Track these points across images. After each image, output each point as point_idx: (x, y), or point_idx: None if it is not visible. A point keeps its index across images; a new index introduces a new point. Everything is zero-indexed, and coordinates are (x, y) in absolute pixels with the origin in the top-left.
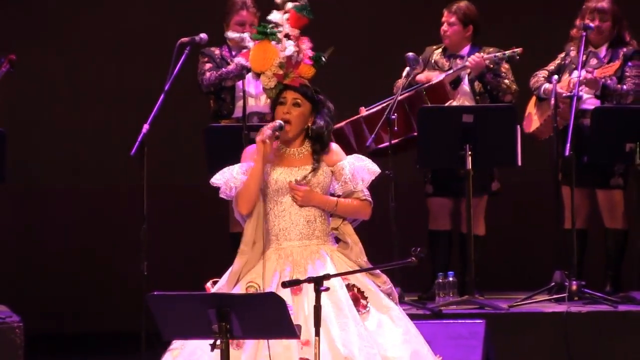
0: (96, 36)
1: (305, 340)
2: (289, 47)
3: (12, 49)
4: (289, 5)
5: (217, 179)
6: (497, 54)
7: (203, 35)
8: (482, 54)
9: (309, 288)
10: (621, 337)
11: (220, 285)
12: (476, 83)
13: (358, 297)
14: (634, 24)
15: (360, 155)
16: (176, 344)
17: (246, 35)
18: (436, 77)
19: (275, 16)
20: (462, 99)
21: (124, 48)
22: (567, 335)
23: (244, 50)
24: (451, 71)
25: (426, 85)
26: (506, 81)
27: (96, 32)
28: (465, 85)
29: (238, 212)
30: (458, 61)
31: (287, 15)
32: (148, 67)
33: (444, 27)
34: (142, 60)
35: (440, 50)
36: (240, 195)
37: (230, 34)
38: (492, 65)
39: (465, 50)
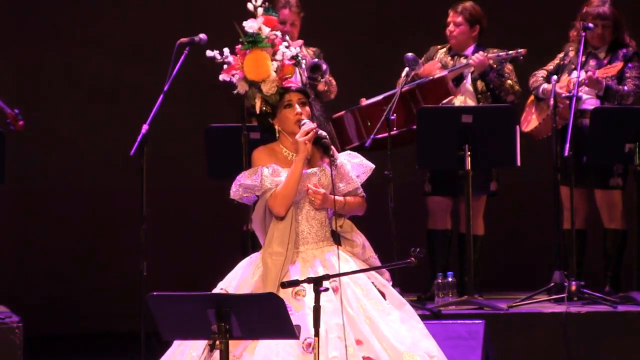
0: (96, 36)
1: (357, 339)
2: (292, 48)
3: (13, 48)
4: (260, 10)
5: (249, 180)
6: (500, 54)
7: (203, 36)
8: (485, 53)
9: (346, 288)
10: (620, 338)
11: (252, 291)
12: (479, 82)
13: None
14: (633, 24)
15: (352, 152)
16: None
17: (226, 50)
18: (439, 71)
19: (252, 24)
20: (464, 97)
21: (123, 48)
22: (567, 335)
23: (225, 67)
24: (455, 68)
25: (429, 78)
26: (509, 81)
27: (96, 32)
28: (468, 84)
29: (276, 213)
30: (462, 60)
31: (262, 19)
32: (148, 67)
33: (450, 27)
34: (141, 60)
35: (445, 49)
36: (281, 197)
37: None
38: (495, 65)
39: (470, 50)
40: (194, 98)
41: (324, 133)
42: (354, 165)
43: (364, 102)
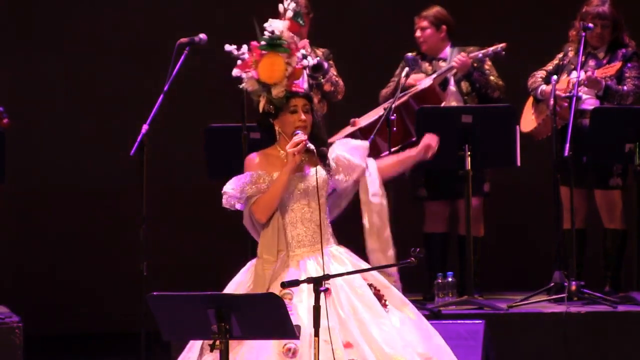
0: (95, 36)
1: (346, 342)
2: (309, 58)
3: (12, 49)
4: (289, 13)
5: (231, 188)
6: (482, 52)
7: (203, 36)
8: (465, 53)
9: (339, 290)
10: (620, 338)
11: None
12: (463, 83)
13: (379, 297)
14: (634, 24)
15: (342, 139)
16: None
17: (244, 47)
18: (424, 81)
19: (277, 25)
20: (450, 99)
21: (123, 48)
22: (567, 335)
23: (239, 62)
24: (436, 74)
25: (418, 90)
26: (492, 77)
27: (95, 32)
28: (452, 86)
29: (257, 220)
30: (441, 63)
31: (287, 23)
32: (147, 68)
33: (417, 33)
34: (141, 60)
35: (419, 56)
36: (262, 205)
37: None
38: (476, 64)
39: (446, 52)
40: (194, 98)
41: (312, 146)
42: (351, 150)
43: (357, 122)
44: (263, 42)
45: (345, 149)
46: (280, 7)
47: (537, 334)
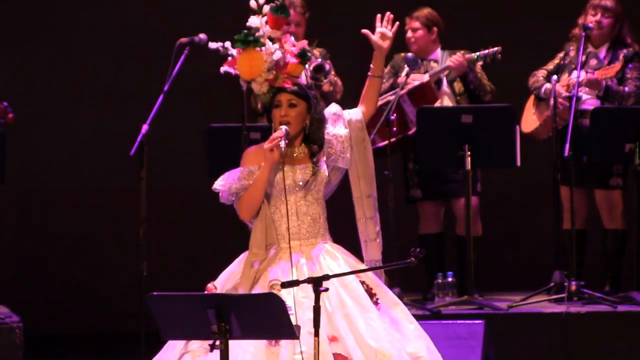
0: (95, 36)
1: (332, 336)
2: (277, 52)
3: (12, 48)
4: (266, 8)
5: (220, 185)
6: (478, 53)
7: (202, 36)
8: (460, 54)
9: (328, 283)
10: (620, 338)
11: (233, 285)
12: (455, 83)
13: (370, 294)
14: (634, 24)
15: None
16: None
17: (227, 43)
18: (420, 78)
19: (254, 21)
20: (444, 99)
21: (123, 48)
22: (566, 335)
23: (229, 59)
24: (432, 72)
25: (415, 85)
26: (484, 80)
27: (95, 32)
28: (445, 87)
29: (241, 218)
30: (432, 64)
31: (265, 19)
32: (147, 67)
33: (409, 34)
34: (141, 60)
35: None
36: (244, 203)
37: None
38: (471, 66)
39: (436, 54)
40: (194, 98)
41: (282, 145)
42: (339, 126)
43: None
44: (237, 39)
45: (335, 130)
46: (252, 3)
47: (537, 334)
